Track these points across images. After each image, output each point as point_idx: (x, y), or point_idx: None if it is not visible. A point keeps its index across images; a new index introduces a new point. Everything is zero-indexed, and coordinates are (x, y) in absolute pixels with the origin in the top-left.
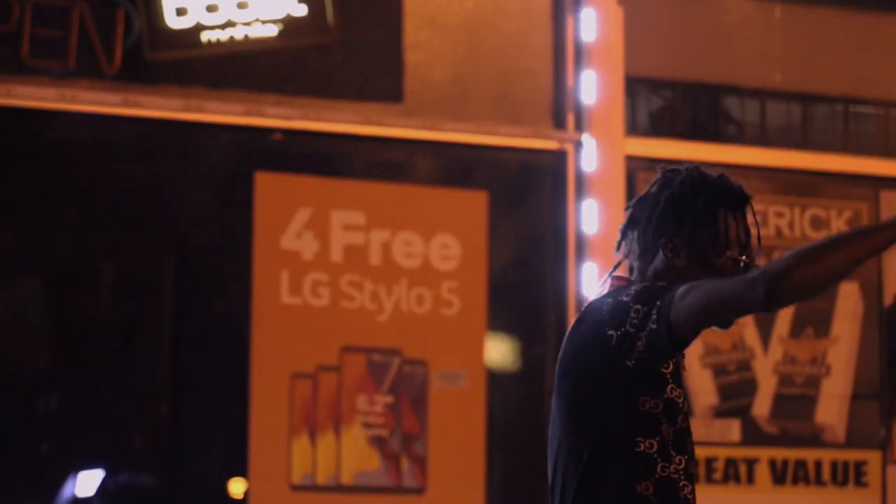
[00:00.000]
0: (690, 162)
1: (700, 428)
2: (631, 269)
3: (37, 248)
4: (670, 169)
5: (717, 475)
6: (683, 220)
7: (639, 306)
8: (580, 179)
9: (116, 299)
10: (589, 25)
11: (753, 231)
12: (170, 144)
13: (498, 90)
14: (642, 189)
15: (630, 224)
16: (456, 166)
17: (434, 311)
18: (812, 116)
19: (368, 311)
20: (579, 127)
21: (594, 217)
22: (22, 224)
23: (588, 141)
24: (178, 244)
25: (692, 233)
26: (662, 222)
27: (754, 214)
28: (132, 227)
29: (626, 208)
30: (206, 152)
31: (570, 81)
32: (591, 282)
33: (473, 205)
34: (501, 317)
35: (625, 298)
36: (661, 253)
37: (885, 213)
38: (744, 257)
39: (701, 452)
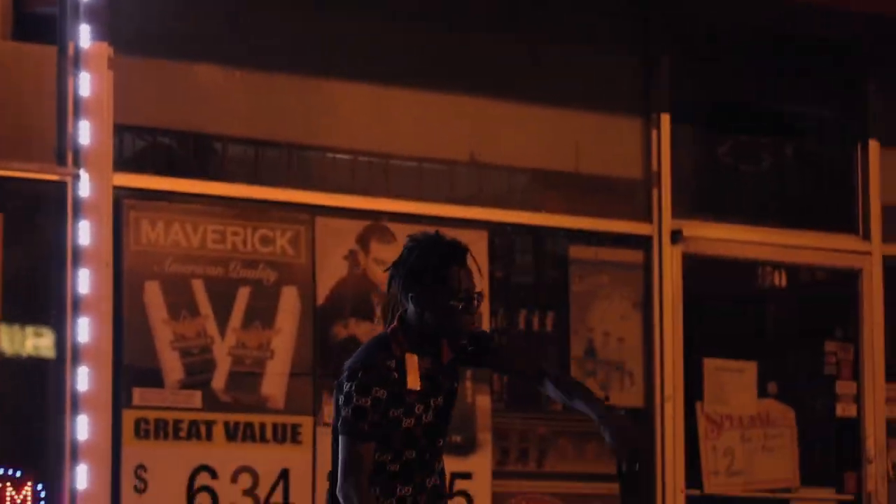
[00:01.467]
0: (429, 230)
1: (168, 396)
2: (394, 308)
3: None
4: (413, 237)
5: (183, 434)
6: (419, 279)
7: (342, 397)
8: (77, 204)
9: None
10: (85, 85)
11: (474, 276)
12: None
13: (13, 134)
14: (126, 213)
15: (391, 278)
16: None
17: None
18: (263, 157)
19: None
20: (77, 163)
21: (87, 234)
22: None
23: (83, 175)
24: None
25: (427, 288)
26: (407, 281)
27: (475, 260)
28: None
29: (389, 268)
30: None
31: (70, 128)
32: (84, 283)
33: None
34: (14, 313)
35: (353, 365)
36: (410, 303)
37: (320, 234)
38: (463, 302)
39: (170, 415)
